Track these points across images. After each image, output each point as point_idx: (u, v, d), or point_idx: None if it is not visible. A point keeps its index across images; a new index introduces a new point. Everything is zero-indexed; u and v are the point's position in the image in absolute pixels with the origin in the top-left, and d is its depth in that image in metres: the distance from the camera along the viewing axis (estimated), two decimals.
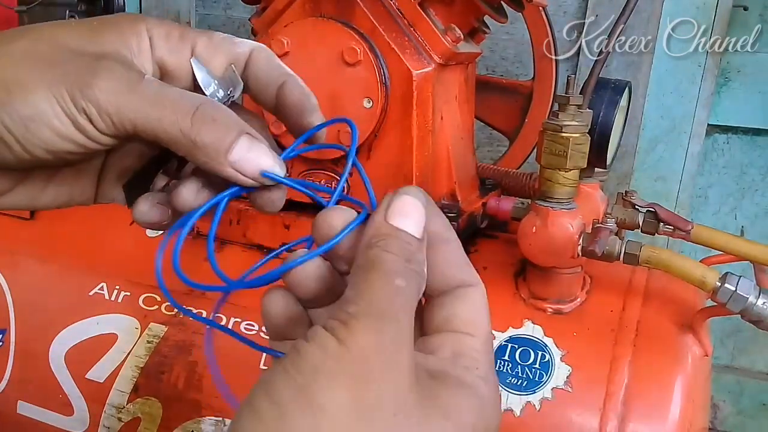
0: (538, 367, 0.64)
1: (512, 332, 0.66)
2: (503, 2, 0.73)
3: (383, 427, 0.24)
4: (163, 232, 0.81)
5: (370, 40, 0.66)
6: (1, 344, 0.79)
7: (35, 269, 0.83)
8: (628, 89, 0.72)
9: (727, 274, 0.60)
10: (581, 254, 0.64)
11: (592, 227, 0.66)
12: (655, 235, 0.72)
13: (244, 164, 0.31)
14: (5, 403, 0.78)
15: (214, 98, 0.33)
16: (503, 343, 0.65)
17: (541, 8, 0.91)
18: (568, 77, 0.64)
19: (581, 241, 0.64)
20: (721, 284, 0.59)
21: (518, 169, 0.92)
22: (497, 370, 0.64)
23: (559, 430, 0.62)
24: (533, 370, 0.64)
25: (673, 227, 0.70)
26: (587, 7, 1.31)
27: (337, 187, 0.32)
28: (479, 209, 0.78)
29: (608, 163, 0.71)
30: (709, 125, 1.35)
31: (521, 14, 0.87)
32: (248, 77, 0.35)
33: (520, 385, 0.63)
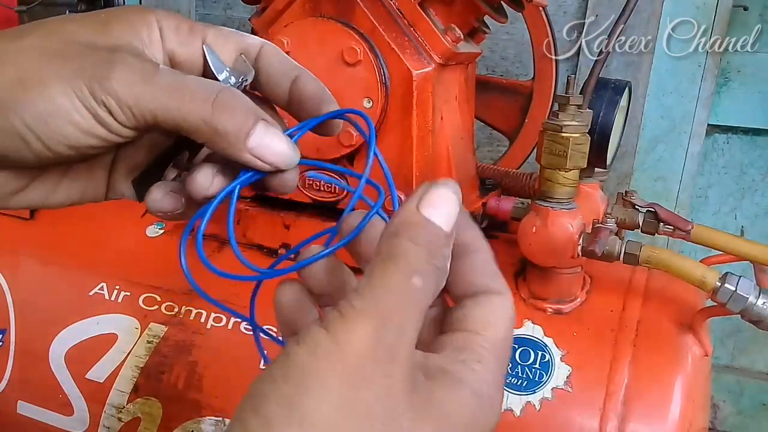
0: (538, 367, 0.64)
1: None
2: (503, 2, 0.73)
3: (371, 427, 0.23)
4: (163, 232, 0.81)
5: (370, 40, 0.66)
6: (1, 344, 0.79)
7: (35, 269, 0.83)
8: (628, 89, 0.72)
9: (727, 274, 0.60)
10: (581, 254, 0.64)
11: (592, 227, 0.66)
12: (655, 235, 0.72)
13: (261, 150, 0.31)
14: (5, 403, 0.78)
15: (227, 84, 0.33)
16: None
17: (541, 8, 0.91)
18: (568, 77, 0.64)
19: (581, 241, 0.64)
20: (721, 284, 0.59)
21: (518, 169, 0.92)
22: None
23: (559, 430, 0.62)
24: (533, 370, 0.64)
25: (673, 227, 0.70)
26: (587, 7, 1.31)
27: (360, 181, 0.32)
28: (479, 209, 0.78)
29: (608, 163, 0.71)
30: (709, 125, 1.35)
31: (521, 14, 0.87)
32: (259, 71, 0.35)
33: (520, 385, 0.63)
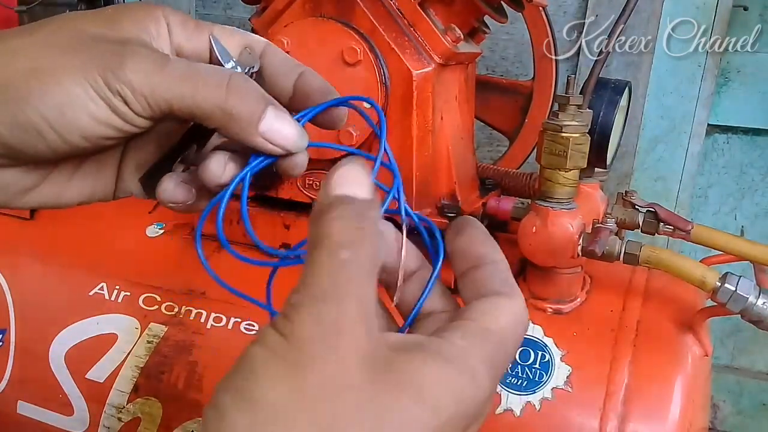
0: (538, 367, 0.64)
1: None
2: (503, 2, 0.73)
3: (328, 410, 0.23)
4: (163, 232, 0.81)
5: (370, 40, 0.66)
6: (1, 344, 0.79)
7: (35, 269, 0.83)
8: (628, 89, 0.72)
9: (727, 274, 0.60)
10: (581, 254, 0.64)
11: (592, 227, 0.66)
12: (655, 235, 0.72)
13: (272, 134, 0.32)
14: (5, 403, 0.78)
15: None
16: None
17: (541, 8, 0.91)
18: (568, 77, 0.64)
19: (581, 241, 0.64)
20: (721, 284, 0.59)
21: (518, 169, 0.92)
22: None
23: (559, 430, 0.62)
24: (533, 370, 0.64)
25: (673, 227, 0.70)
26: (587, 7, 1.31)
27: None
28: (479, 209, 0.78)
29: (608, 163, 0.71)
30: (709, 125, 1.35)
31: (521, 14, 0.87)
32: (263, 67, 0.36)
33: (520, 385, 0.63)
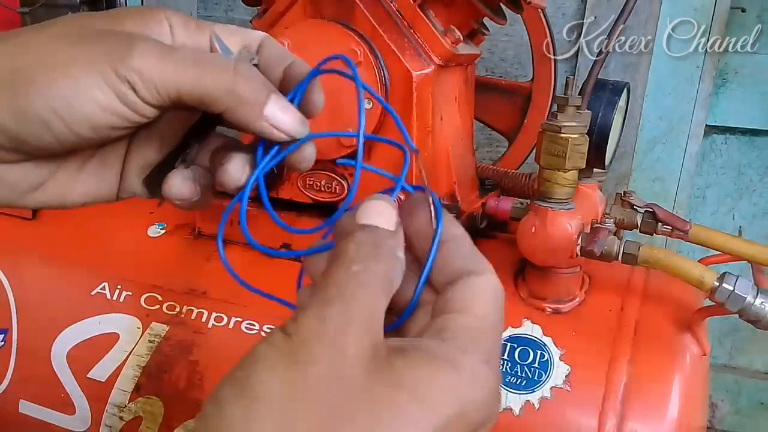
0: (537, 366, 0.64)
1: (511, 331, 0.66)
2: (502, 4, 0.73)
3: (324, 405, 0.23)
4: (165, 232, 0.81)
5: (370, 41, 0.67)
6: (3, 344, 0.79)
7: (37, 269, 0.83)
8: (626, 90, 0.72)
9: (725, 273, 0.60)
10: (580, 254, 0.64)
11: (590, 227, 0.67)
12: (653, 235, 0.72)
13: (276, 119, 0.33)
14: (7, 402, 0.78)
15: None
16: (502, 342, 0.66)
17: (539, 10, 0.91)
18: (566, 78, 0.65)
19: (580, 241, 0.64)
20: (719, 284, 0.59)
21: (517, 169, 0.92)
22: None
23: (558, 429, 0.62)
24: (532, 369, 0.64)
25: (671, 227, 0.71)
26: (586, 8, 1.32)
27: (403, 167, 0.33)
28: (479, 209, 0.78)
29: (607, 163, 0.71)
30: (707, 126, 1.36)
31: (520, 16, 0.88)
32: (259, 59, 0.37)
33: (519, 384, 0.64)
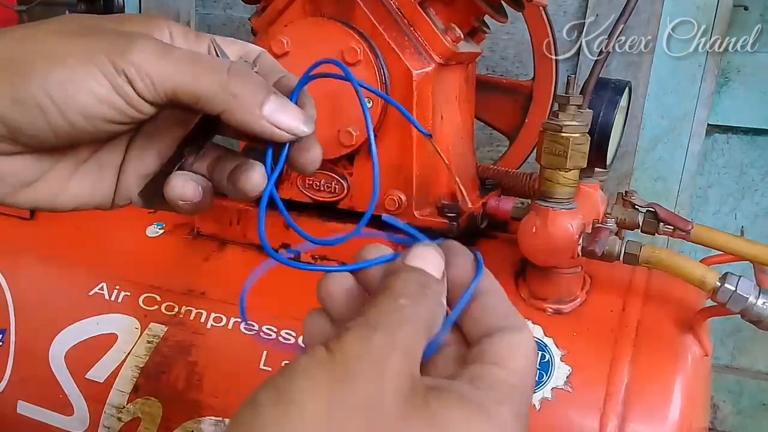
0: (538, 367, 0.64)
1: None
2: (503, 2, 0.73)
3: (355, 426, 0.24)
4: (163, 232, 0.81)
5: (370, 39, 0.66)
6: (1, 344, 0.79)
7: (35, 269, 0.83)
8: (628, 89, 0.72)
9: (727, 274, 0.60)
10: (581, 254, 0.64)
11: (592, 227, 0.66)
12: (655, 235, 0.72)
13: (277, 117, 0.33)
14: (5, 403, 0.78)
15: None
16: None
17: (541, 8, 0.91)
18: (568, 77, 0.64)
19: (581, 241, 0.64)
20: (721, 284, 0.59)
21: (518, 169, 0.92)
22: None
23: (559, 430, 0.62)
24: None
25: (673, 227, 0.70)
26: (587, 7, 1.31)
27: None
28: (479, 209, 0.78)
29: (608, 163, 0.71)
30: (709, 125, 1.35)
31: (521, 14, 0.87)
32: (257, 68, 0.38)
33: None
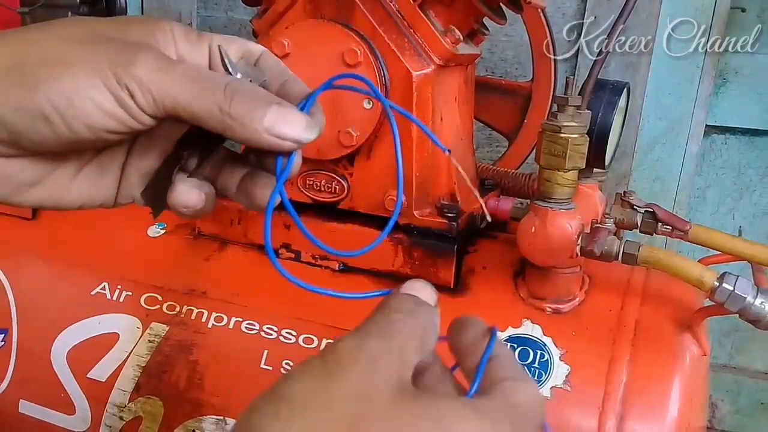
0: (537, 366, 0.64)
1: (511, 332, 0.66)
2: (502, 4, 0.73)
3: (348, 414, 0.25)
4: (165, 232, 0.81)
5: (370, 41, 0.67)
6: (3, 344, 0.79)
7: (37, 269, 0.83)
8: (626, 90, 0.72)
9: (725, 273, 0.60)
10: (580, 254, 0.64)
11: (590, 227, 0.67)
12: (653, 235, 0.72)
13: (279, 128, 0.32)
14: (7, 402, 0.78)
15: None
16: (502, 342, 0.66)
17: (539, 10, 0.91)
18: (566, 78, 0.65)
19: (580, 241, 0.64)
20: (719, 284, 0.59)
21: (517, 169, 0.92)
22: None
23: (557, 429, 0.62)
24: (532, 369, 0.64)
25: (671, 227, 0.71)
26: (586, 8, 1.32)
27: None
28: (479, 209, 0.78)
29: (607, 163, 0.71)
30: (707, 126, 1.35)
31: (520, 16, 0.88)
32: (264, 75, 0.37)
33: None
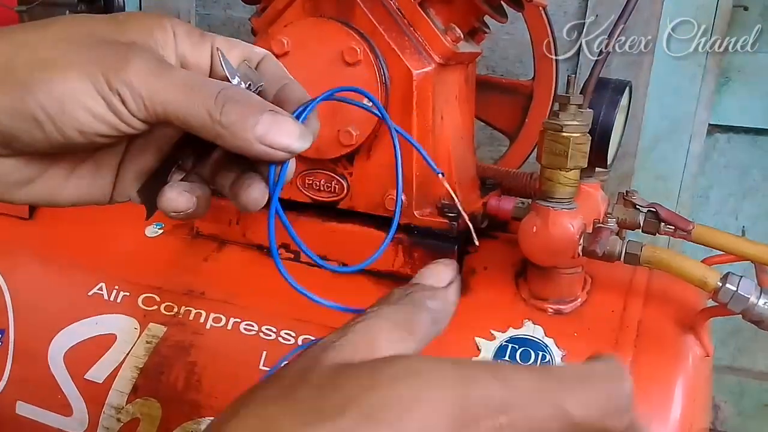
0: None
1: (513, 332, 0.66)
2: (503, 2, 0.73)
3: (291, 399, 0.23)
4: (163, 232, 0.81)
5: (370, 40, 0.66)
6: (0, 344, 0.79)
7: (34, 269, 0.82)
8: (628, 89, 0.72)
9: (728, 274, 0.59)
10: (582, 254, 0.63)
11: (592, 227, 0.66)
12: (656, 235, 0.72)
13: (271, 137, 0.32)
14: (4, 403, 0.78)
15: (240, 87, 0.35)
16: (503, 343, 0.65)
17: (541, 8, 0.91)
18: (568, 77, 0.64)
19: (582, 241, 0.63)
20: (722, 284, 0.59)
21: (519, 168, 0.92)
22: None
23: None
24: None
25: (674, 227, 0.70)
26: (587, 7, 1.31)
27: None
28: (480, 209, 0.77)
29: (609, 162, 0.71)
30: (710, 125, 1.35)
31: (521, 14, 0.87)
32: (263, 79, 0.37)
33: None
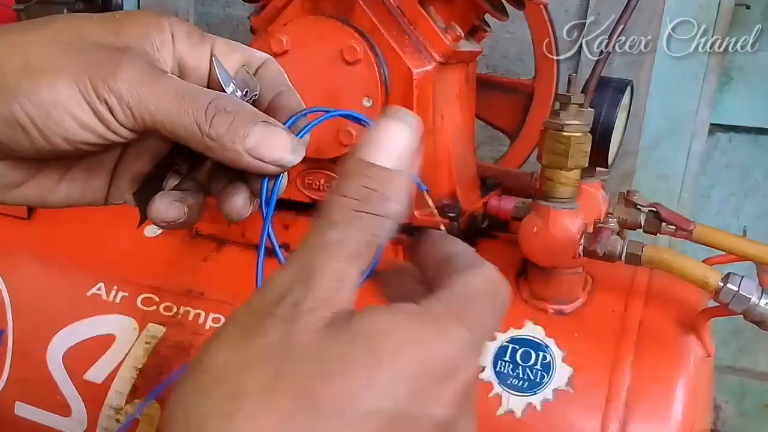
0: (539, 368, 0.63)
1: (513, 333, 0.66)
2: (504, 0, 0.72)
3: (269, 373, 0.22)
4: (162, 232, 0.80)
5: (369, 38, 0.66)
6: None
7: (33, 269, 0.82)
8: (629, 88, 0.72)
9: (729, 274, 0.59)
10: (583, 254, 0.63)
11: (593, 227, 0.66)
12: (657, 235, 0.71)
13: (262, 150, 0.31)
14: (3, 404, 0.78)
15: (233, 96, 0.34)
16: (504, 343, 0.65)
17: (542, 7, 0.90)
18: (569, 76, 0.64)
19: (583, 241, 0.63)
20: (723, 284, 0.59)
21: (519, 168, 0.92)
22: (498, 371, 0.63)
23: (560, 431, 0.61)
24: (534, 371, 0.63)
25: (675, 227, 0.70)
26: (588, 6, 1.31)
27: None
28: (480, 209, 0.77)
29: (610, 162, 0.71)
30: (711, 124, 1.35)
31: (522, 13, 0.87)
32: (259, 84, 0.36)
33: (521, 386, 0.63)
